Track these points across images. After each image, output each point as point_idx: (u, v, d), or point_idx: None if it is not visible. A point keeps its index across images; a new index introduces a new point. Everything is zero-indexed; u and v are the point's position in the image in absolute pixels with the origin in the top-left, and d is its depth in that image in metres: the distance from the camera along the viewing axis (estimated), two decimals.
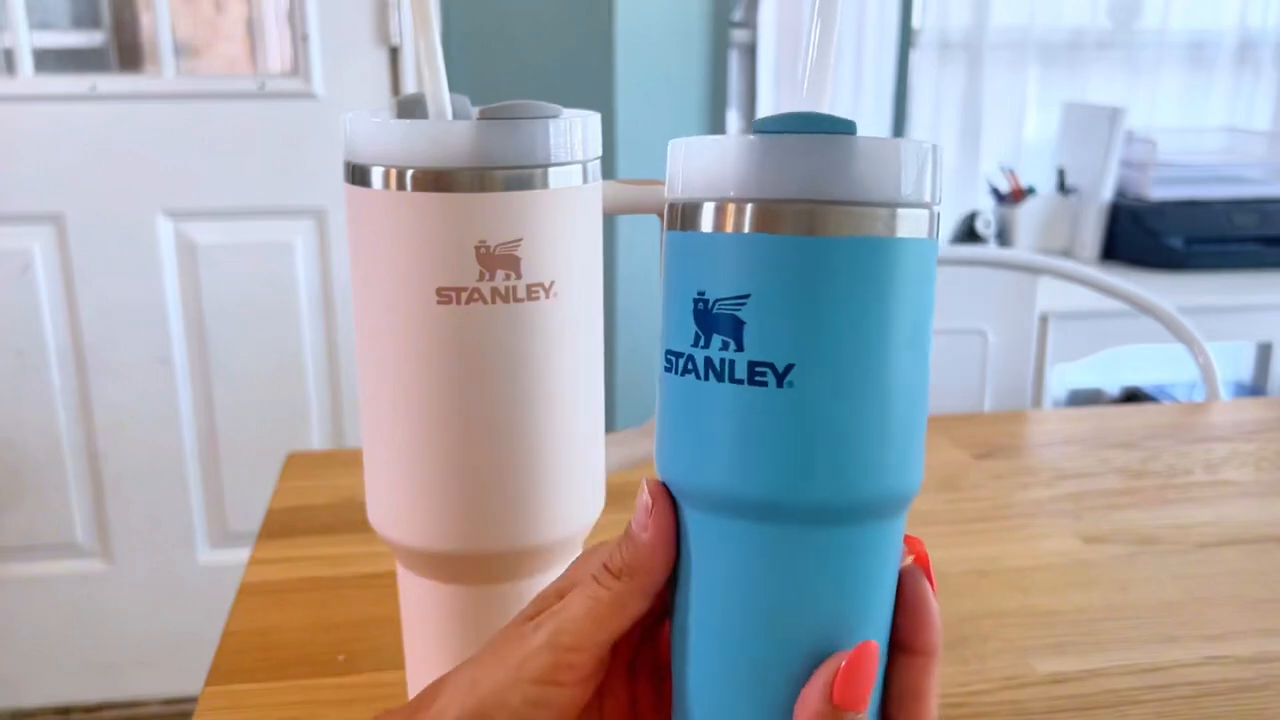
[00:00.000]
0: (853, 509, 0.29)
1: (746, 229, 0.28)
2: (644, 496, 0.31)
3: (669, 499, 0.31)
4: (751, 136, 0.29)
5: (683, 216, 0.30)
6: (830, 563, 0.29)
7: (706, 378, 0.29)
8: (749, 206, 0.28)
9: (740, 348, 0.28)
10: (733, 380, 0.28)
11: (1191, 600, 0.66)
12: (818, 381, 0.28)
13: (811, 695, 0.29)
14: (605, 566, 0.31)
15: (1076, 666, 0.59)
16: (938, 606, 0.32)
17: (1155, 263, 1.93)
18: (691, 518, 0.30)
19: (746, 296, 0.28)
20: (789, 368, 0.28)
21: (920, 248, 0.29)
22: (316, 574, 0.69)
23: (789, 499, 0.29)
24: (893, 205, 0.29)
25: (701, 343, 0.29)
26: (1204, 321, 1.28)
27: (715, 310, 0.29)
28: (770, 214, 0.28)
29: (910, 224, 0.29)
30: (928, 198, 0.30)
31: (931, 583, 0.32)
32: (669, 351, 0.30)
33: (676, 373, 0.30)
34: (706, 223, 0.29)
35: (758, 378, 0.28)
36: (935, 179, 0.30)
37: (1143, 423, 0.98)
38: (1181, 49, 2.18)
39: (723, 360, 0.29)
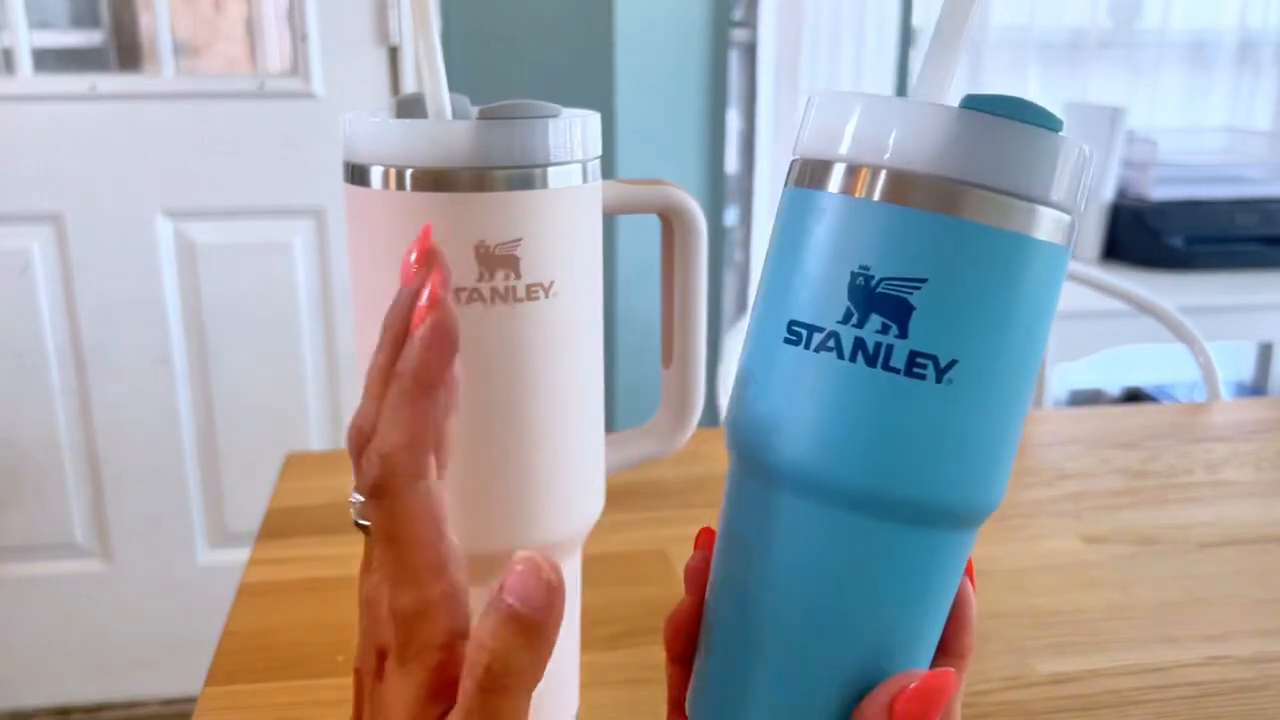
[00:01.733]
0: (971, 515, 0.28)
1: (941, 209, 0.26)
2: (546, 573, 0.26)
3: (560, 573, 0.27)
4: (965, 110, 0.26)
5: (848, 178, 0.27)
6: (928, 567, 0.28)
7: (853, 359, 0.26)
8: (950, 186, 0.26)
9: (904, 334, 0.26)
10: (886, 367, 0.26)
11: (1192, 600, 0.66)
12: (978, 382, 0.26)
13: (872, 706, 0.28)
14: (477, 663, 0.26)
15: (1077, 667, 0.59)
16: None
17: (1156, 262, 1.93)
18: (778, 500, 0.28)
19: (923, 281, 0.26)
20: (952, 364, 0.26)
21: (1067, 259, 0.28)
22: (316, 574, 0.69)
23: (917, 498, 0.27)
24: (1072, 213, 0.27)
25: (854, 321, 0.26)
26: (1205, 321, 1.28)
27: (880, 289, 0.26)
28: (973, 200, 0.26)
29: (1074, 235, 0.28)
30: (1082, 208, 0.28)
31: (973, 583, 0.31)
32: (798, 323, 0.27)
33: (808, 347, 0.27)
34: (883, 192, 0.26)
35: (917, 370, 0.26)
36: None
37: (1143, 423, 0.98)
38: (1182, 49, 2.18)
39: (879, 344, 0.26)
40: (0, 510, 1.72)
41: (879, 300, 0.26)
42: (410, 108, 0.43)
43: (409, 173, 0.40)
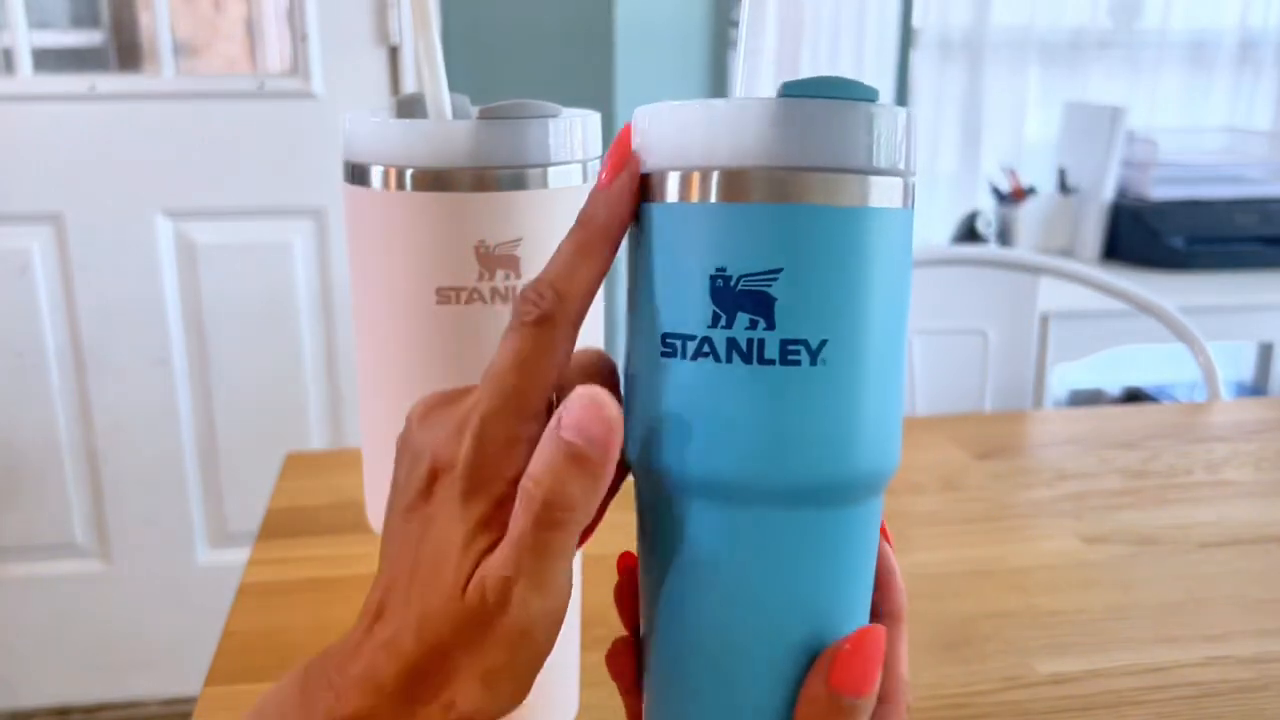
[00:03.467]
0: (874, 483, 0.29)
1: (779, 199, 0.26)
2: (607, 409, 0.27)
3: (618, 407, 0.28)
4: (779, 99, 0.27)
5: (684, 186, 0.27)
6: (843, 543, 0.29)
7: (729, 360, 0.27)
8: (783, 174, 0.26)
9: (771, 326, 0.26)
10: (761, 361, 0.27)
11: (1192, 600, 0.66)
12: (850, 356, 0.27)
13: (811, 689, 0.28)
14: (532, 497, 0.27)
15: (1077, 667, 0.59)
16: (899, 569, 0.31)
17: (1156, 262, 1.93)
18: (692, 510, 0.28)
19: (779, 271, 0.26)
20: (822, 344, 0.27)
21: (912, 220, 0.29)
22: (316, 574, 0.69)
23: (820, 479, 0.27)
24: (905, 175, 0.28)
25: (723, 323, 0.27)
26: (1205, 321, 1.28)
27: (740, 287, 0.27)
28: (804, 183, 0.26)
29: (912, 195, 0.29)
30: (914, 168, 0.29)
31: (890, 543, 0.31)
32: (671, 335, 0.28)
33: (684, 358, 0.27)
34: (721, 192, 0.27)
35: (790, 357, 0.27)
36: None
37: (1143, 423, 0.98)
38: (1182, 49, 2.18)
39: (750, 340, 0.27)
40: (0, 510, 1.72)
41: (742, 298, 0.27)
42: (410, 108, 0.43)
43: (409, 173, 0.40)
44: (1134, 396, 2.23)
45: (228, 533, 1.78)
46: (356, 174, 0.42)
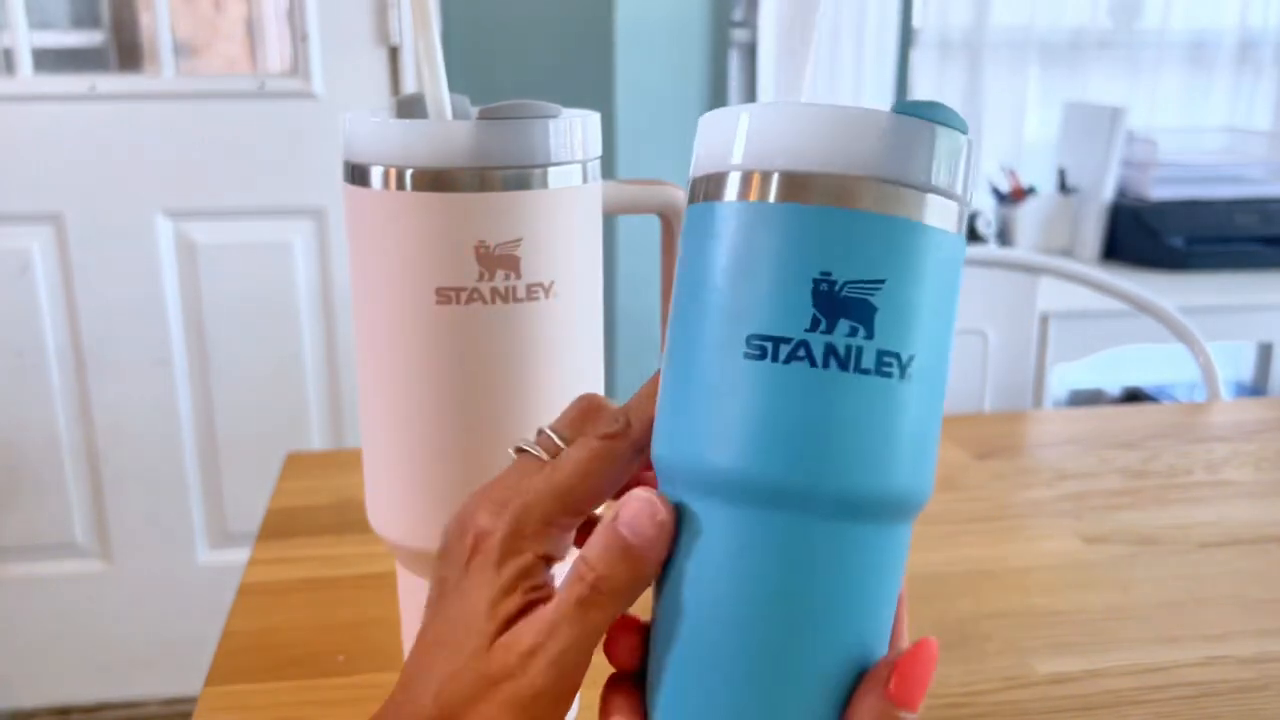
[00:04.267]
0: (925, 502, 0.29)
1: (890, 211, 0.27)
2: (661, 514, 0.28)
3: (672, 510, 0.29)
4: (898, 114, 0.27)
5: (794, 187, 0.27)
6: (893, 558, 0.29)
7: (826, 365, 0.27)
8: (897, 189, 0.27)
9: (870, 335, 0.27)
10: (858, 370, 0.27)
11: (1192, 600, 0.66)
12: (929, 374, 0.28)
13: (869, 694, 0.28)
14: (597, 588, 0.29)
15: (1077, 667, 0.59)
16: None
17: (1156, 262, 1.93)
18: (755, 517, 0.28)
19: (882, 281, 0.27)
20: (910, 359, 0.27)
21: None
22: (316, 574, 0.69)
23: (892, 494, 0.28)
24: (969, 204, 0.30)
25: (823, 328, 0.27)
26: (1204, 321, 1.28)
27: (845, 293, 0.27)
28: (914, 200, 0.27)
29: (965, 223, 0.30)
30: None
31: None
32: (763, 337, 0.27)
33: (777, 360, 0.27)
34: (835, 198, 0.27)
35: (885, 368, 0.27)
36: None
37: (1143, 423, 0.98)
38: (1182, 49, 2.18)
39: (849, 348, 0.27)
40: (0, 510, 1.72)
41: (845, 304, 0.27)
42: (410, 108, 0.43)
43: (409, 173, 0.40)
44: (1134, 396, 2.23)
45: (228, 533, 1.78)
46: (356, 174, 0.42)
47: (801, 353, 0.27)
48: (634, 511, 0.29)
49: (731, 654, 0.28)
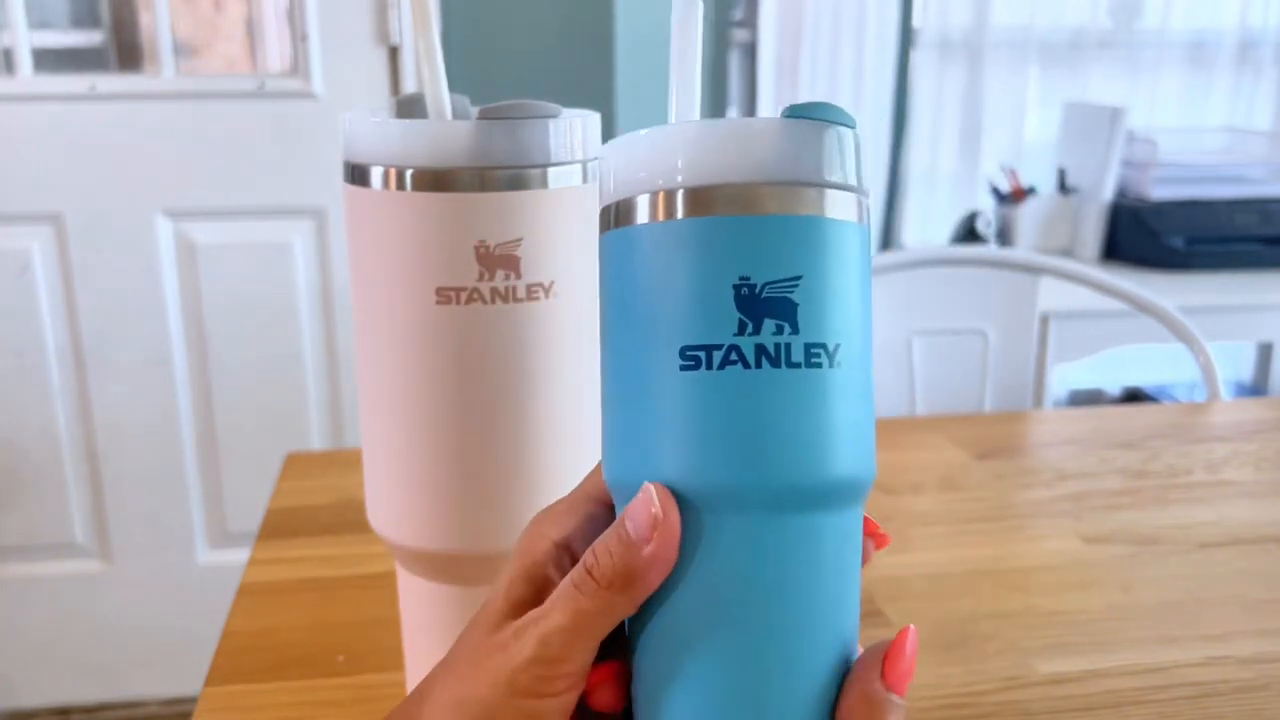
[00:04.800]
0: (870, 483, 0.30)
1: (794, 211, 0.28)
2: (654, 508, 0.28)
3: (676, 508, 0.29)
4: (793, 120, 0.29)
5: (700, 202, 0.28)
6: (851, 543, 0.30)
7: (759, 365, 0.28)
8: (803, 190, 0.28)
9: (796, 330, 0.28)
10: (789, 364, 0.28)
11: (1192, 600, 0.66)
12: (856, 360, 0.29)
13: (866, 680, 0.29)
14: (590, 574, 0.29)
15: (1077, 667, 0.59)
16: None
17: (1156, 263, 1.93)
18: (715, 522, 0.29)
19: (799, 278, 0.28)
20: (837, 347, 0.28)
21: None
22: (316, 574, 0.69)
23: (846, 478, 0.29)
24: (865, 195, 0.31)
25: (750, 330, 0.28)
26: (1204, 321, 1.28)
27: (765, 294, 0.28)
28: (814, 197, 0.29)
29: (869, 213, 0.31)
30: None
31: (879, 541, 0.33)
32: (695, 347, 0.28)
33: (710, 368, 0.28)
34: (741, 206, 0.28)
35: (814, 359, 0.28)
36: None
37: (1143, 423, 0.98)
38: (1182, 49, 2.18)
39: (777, 345, 0.28)
40: (0, 510, 1.72)
41: (767, 305, 0.28)
42: (410, 108, 0.43)
43: (409, 173, 0.40)
44: (1134, 396, 2.23)
45: (228, 533, 1.78)
46: (356, 174, 0.42)
47: (734, 356, 0.28)
48: (636, 504, 0.29)
49: (711, 656, 0.29)
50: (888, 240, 2.14)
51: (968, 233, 1.99)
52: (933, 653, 0.60)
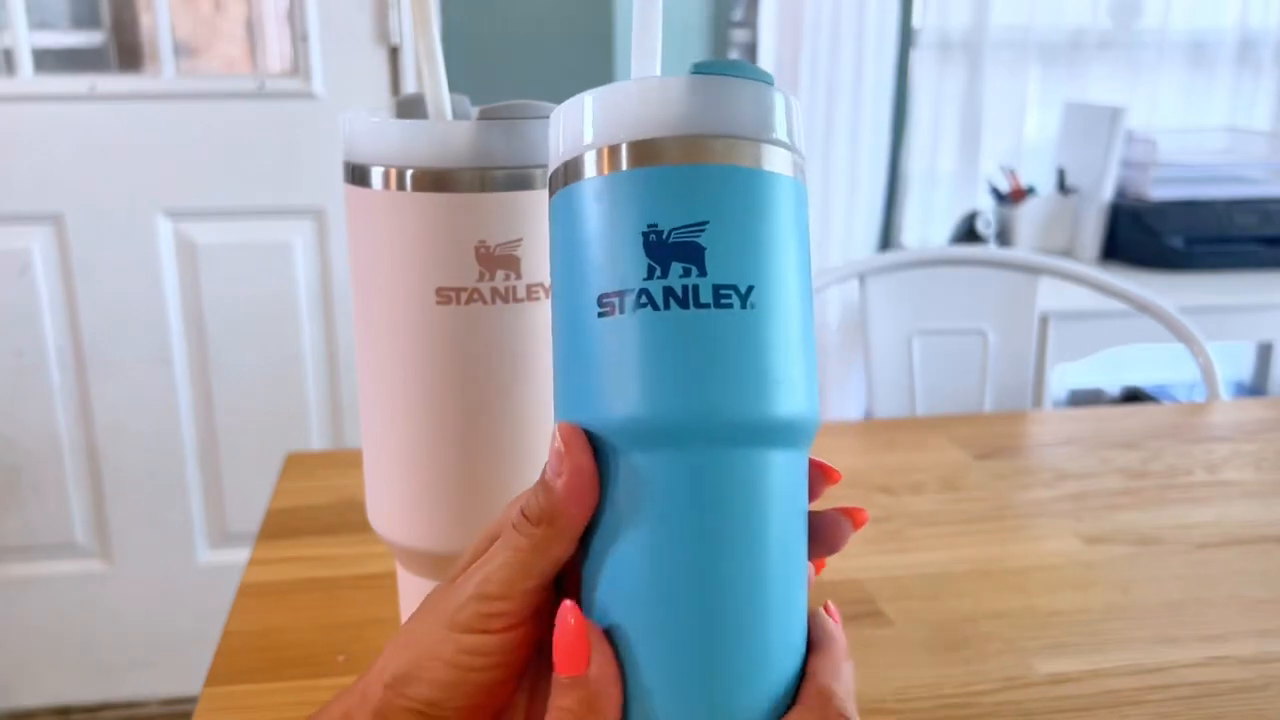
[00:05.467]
0: (801, 429, 0.30)
1: (703, 160, 0.30)
2: (556, 443, 0.30)
3: (584, 443, 0.30)
4: (697, 75, 0.30)
5: (622, 157, 0.30)
6: (776, 483, 0.30)
7: (666, 306, 0.29)
8: (707, 141, 0.30)
9: (704, 273, 0.29)
10: (698, 305, 0.29)
11: (1192, 600, 0.66)
12: (775, 302, 0.30)
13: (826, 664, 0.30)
14: (523, 514, 0.31)
15: (1077, 667, 0.59)
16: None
17: (1155, 263, 1.93)
18: (629, 460, 0.30)
19: (705, 223, 0.29)
20: (750, 289, 0.29)
21: (806, 193, 0.33)
22: (316, 574, 0.69)
23: (759, 417, 0.29)
24: (793, 151, 0.32)
25: (658, 274, 0.29)
26: (1204, 321, 1.28)
27: (672, 239, 0.29)
28: (723, 147, 0.30)
29: (803, 171, 0.32)
30: (802, 149, 0.33)
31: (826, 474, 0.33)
32: (606, 295, 0.30)
33: (623, 312, 0.29)
34: (648, 158, 0.30)
35: (723, 301, 0.29)
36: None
37: (1143, 423, 0.98)
38: (1182, 49, 2.18)
39: (685, 287, 0.29)
40: (0, 510, 1.72)
41: (674, 249, 0.29)
42: (410, 108, 0.43)
43: (409, 173, 0.40)
44: (1134, 396, 2.23)
45: (228, 533, 1.78)
46: (356, 174, 0.42)
47: (644, 300, 0.29)
48: (551, 456, 0.31)
49: (638, 598, 0.30)
50: (888, 240, 2.14)
51: (967, 233, 1.99)
52: (933, 653, 0.60)
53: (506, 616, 0.31)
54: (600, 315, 0.30)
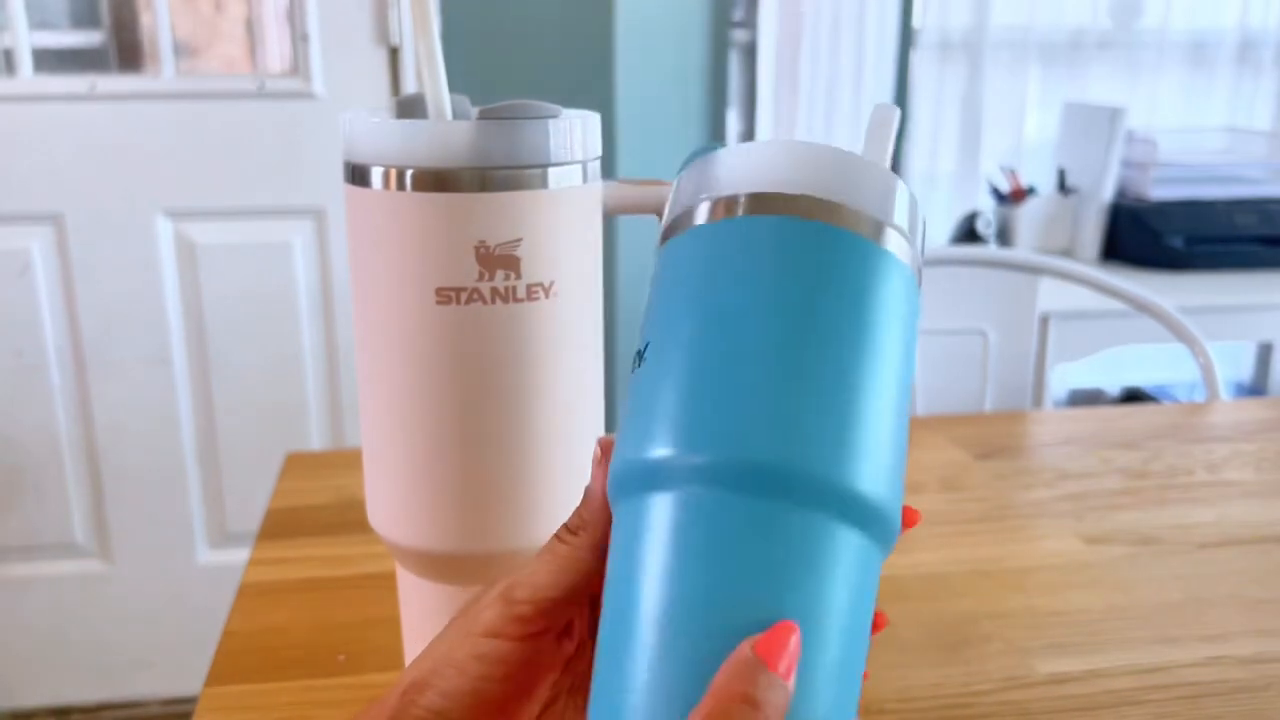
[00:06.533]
0: (867, 508, 0.28)
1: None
2: (595, 451, 0.31)
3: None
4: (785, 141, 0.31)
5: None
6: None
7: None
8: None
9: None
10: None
11: (1192, 600, 0.66)
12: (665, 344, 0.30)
13: (739, 651, 0.27)
14: (565, 526, 0.32)
15: (1077, 667, 0.59)
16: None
17: (1155, 263, 1.93)
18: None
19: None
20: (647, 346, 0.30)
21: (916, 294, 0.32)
22: (316, 574, 0.69)
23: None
24: (915, 247, 0.32)
25: None
26: (1204, 321, 1.28)
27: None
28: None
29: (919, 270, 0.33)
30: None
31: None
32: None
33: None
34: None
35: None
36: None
37: (1143, 423, 0.98)
38: (1182, 49, 2.18)
39: None
40: (0, 510, 1.72)
41: None
42: (410, 108, 0.43)
43: (409, 173, 0.40)
44: (1134, 396, 2.23)
45: (228, 533, 1.78)
46: (356, 174, 0.42)
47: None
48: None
49: (609, 640, 0.28)
50: None
51: (968, 233, 1.99)
52: (933, 653, 0.60)
53: (526, 623, 0.30)
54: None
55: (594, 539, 0.31)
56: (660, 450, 0.28)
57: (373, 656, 0.59)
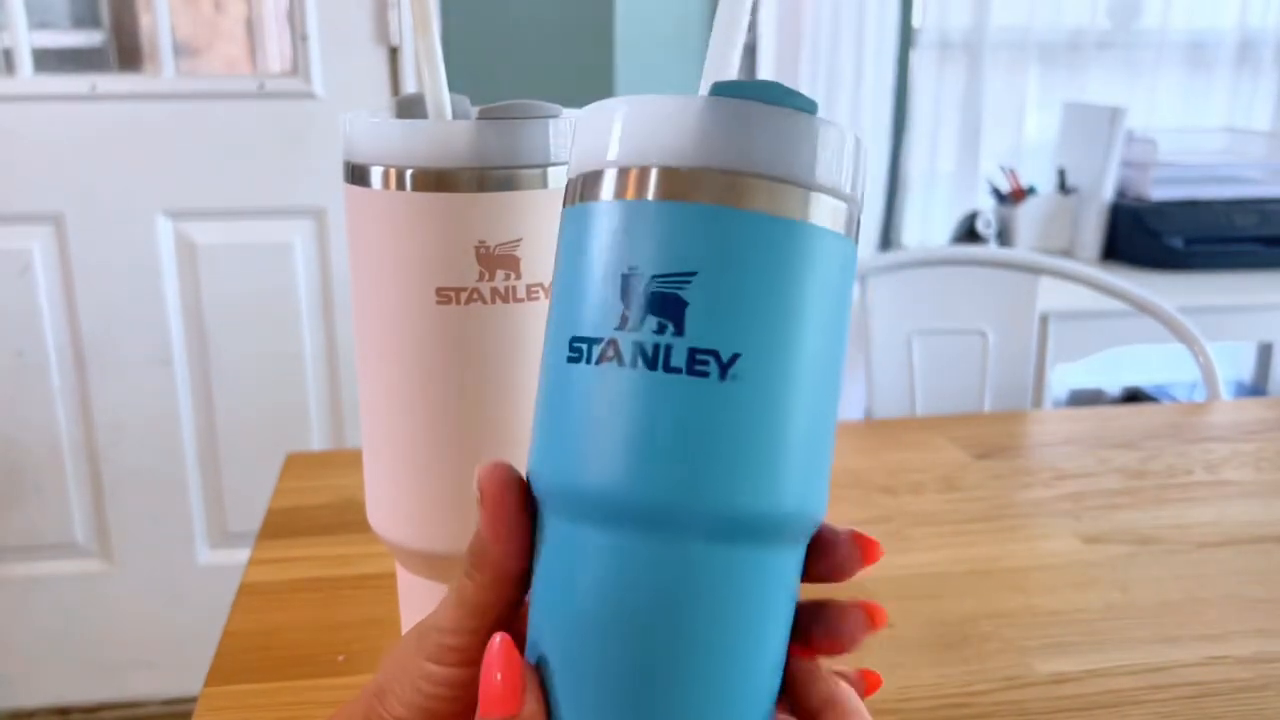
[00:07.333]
0: (781, 526, 0.26)
1: (703, 199, 0.25)
2: (473, 485, 0.28)
3: (501, 491, 0.27)
4: (715, 97, 0.25)
5: (609, 184, 0.26)
6: (736, 588, 0.26)
7: (634, 365, 0.25)
8: (712, 175, 0.25)
9: (680, 332, 0.24)
10: (668, 369, 0.25)
11: (1191, 600, 0.66)
12: (767, 377, 0.25)
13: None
14: (467, 562, 0.30)
15: (1076, 666, 0.59)
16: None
17: (1155, 263, 1.93)
18: (580, 537, 0.26)
19: (693, 274, 0.25)
20: (734, 358, 0.25)
21: (853, 251, 0.27)
22: (316, 574, 0.69)
23: (717, 509, 0.25)
24: (852, 203, 0.27)
25: (630, 325, 0.25)
26: (1204, 321, 1.28)
27: (652, 288, 0.25)
28: (736, 187, 0.25)
29: (856, 225, 0.27)
30: (859, 195, 0.28)
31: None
32: (579, 338, 0.26)
33: (589, 362, 0.25)
34: (647, 190, 0.25)
35: (698, 367, 0.24)
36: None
37: (1143, 423, 0.98)
38: (1181, 49, 2.18)
39: (657, 346, 0.25)
40: (0, 510, 1.72)
41: (652, 300, 0.25)
42: (410, 108, 0.43)
43: (409, 173, 0.40)
44: (1134, 396, 2.23)
45: (228, 533, 1.78)
46: (356, 174, 0.42)
47: (611, 352, 0.25)
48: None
49: (559, 671, 0.27)
50: (887, 240, 2.14)
51: (967, 233, 1.99)
52: (933, 653, 0.60)
53: (459, 652, 0.30)
54: (569, 360, 0.26)
55: (491, 578, 0.29)
56: (601, 482, 0.25)
57: (373, 656, 0.59)
